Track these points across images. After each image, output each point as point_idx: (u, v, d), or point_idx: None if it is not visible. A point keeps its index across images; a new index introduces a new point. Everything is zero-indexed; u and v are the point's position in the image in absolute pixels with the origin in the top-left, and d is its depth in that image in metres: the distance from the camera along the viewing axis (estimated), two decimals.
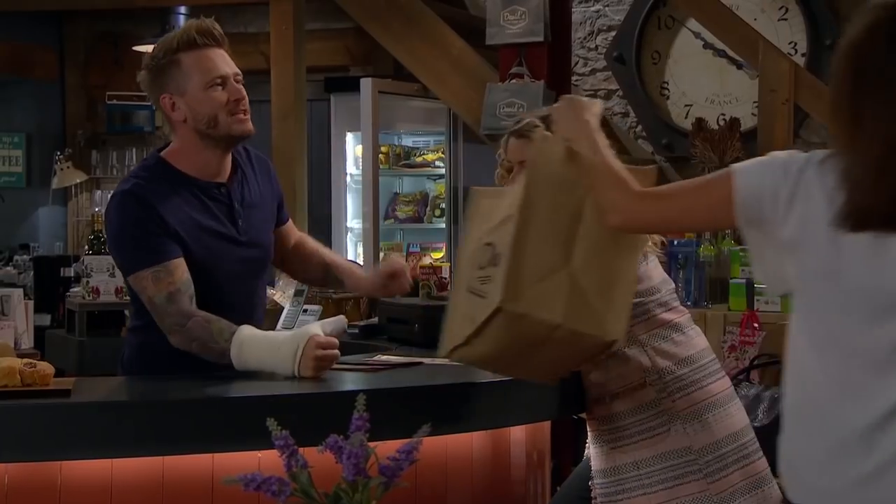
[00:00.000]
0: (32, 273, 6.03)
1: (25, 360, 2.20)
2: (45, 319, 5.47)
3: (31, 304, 4.49)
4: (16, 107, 7.22)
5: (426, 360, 2.74)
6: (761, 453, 2.55)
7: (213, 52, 2.45)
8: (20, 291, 4.47)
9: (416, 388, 2.45)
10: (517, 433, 2.72)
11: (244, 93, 2.46)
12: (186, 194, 2.46)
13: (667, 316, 2.57)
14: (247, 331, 2.39)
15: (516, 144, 2.64)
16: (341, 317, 2.52)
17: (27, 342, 4.39)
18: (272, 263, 2.78)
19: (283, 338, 2.40)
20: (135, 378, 2.52)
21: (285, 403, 2.26)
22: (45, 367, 2.21)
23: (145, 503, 2.22)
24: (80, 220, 7.13)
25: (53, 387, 2.19)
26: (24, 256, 6.47)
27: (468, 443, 2.58)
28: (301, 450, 1.67)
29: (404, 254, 5.62)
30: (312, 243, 2.86)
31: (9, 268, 6.39)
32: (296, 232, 2.85)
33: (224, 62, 2.45)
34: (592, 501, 2.61)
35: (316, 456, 1.55)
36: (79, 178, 7.01)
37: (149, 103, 7.24)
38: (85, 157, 7.15)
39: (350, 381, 2.50)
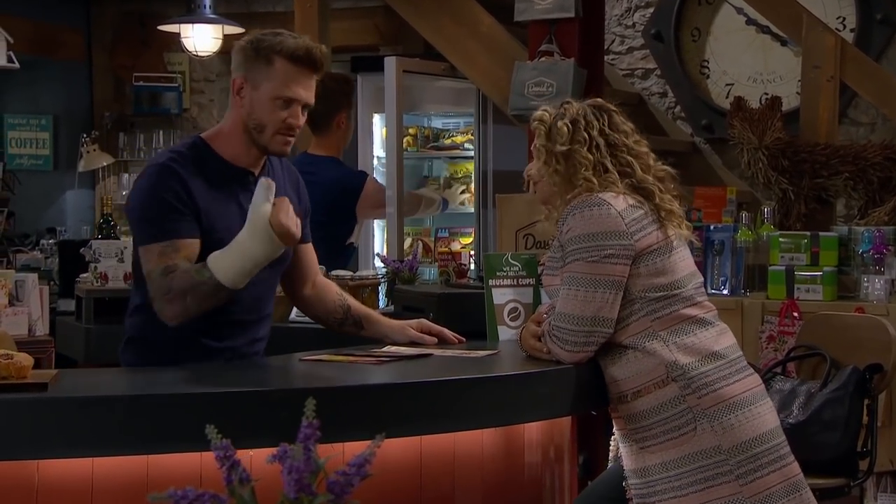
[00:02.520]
0: (58, 258, 5.94)
1: (2, 352, 2.07)
2: (70, 305, 5.37)
3: (45, 289, 4.39)
4: (42, 88, 7.15)
5: (436, 352, 2.58)
6: (793, 457, 2.38)
7: (306, 75, 2.49)
8: (34, 276, 4.37)
9: (423, 382, 2.30)
10: (532, 429, 2.57)
11: (301, 122, 2.52)
12: (218, 177, 2.50)
13: (690, 311, 2.43)
14: (213, 254, 2.40)
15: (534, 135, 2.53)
16: (262, 180, 2.42)
17: (42, 329, 4.29)
18: (290, 298, 2.81)
19: (246, 233, 2.37)
20: (119, 370, 2.39)
21: (278, 399, 2.11)
22: (23, 359, 2.08)
23: None
24: (109, 203, 7.04)
25: (31, 380, 2.06)
26: (51, 241, 6.39)
27: (478, 440, 2.43)
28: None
29: (432, 238, 5.45)
30: (336, 287, 2.86)
31: (35, 252, 6.31)
32: (317, 269, 2.84)
33: (305, 89, 2.49)
34: (629, 502, 2.45)
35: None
36: (105, 160, 6.93)
37: (176, 84, 7.26)
38: (112, 140, 7.06)
39: (355, 375, 2.35)
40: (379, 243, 5.46)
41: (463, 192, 5.51)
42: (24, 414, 1.99)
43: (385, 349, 2.64)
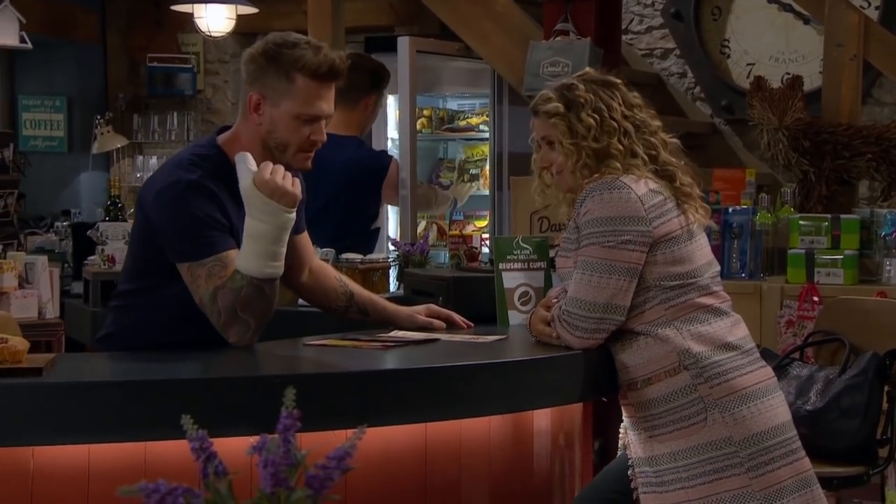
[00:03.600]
0: (72, 240, 5.92)
1: None
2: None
3: (56, 271, 4.37)
4: (57, 69, 7.11)
5: (444, 337, 2.53)
6: (805, 452, 2.32)
7: (326, 88, 2.37)
8: (44, 259, 4.34)
9: (428, 368, 2.24)
10: (541, 416, 2.52)
11: (324, 137, 2.41)
12: (237, 190, 2.35)
13: (705, 300, 2.37)
14: (233, 254, 2.31)
15: (535, 121, 2.45)
16: (238, 155, 2.34)
17: (52, 311, 4.27)
18: (288, 287, 2.68)
19: (246, 216, 2.27)
20: (115, 355, 2.34)
21: (278, 384, 2.04)
22: (18, 343, 2.03)
23: None
24: (122, 186, 7.01)
25: (26, 364, 2.01)
26: (65, 223, 6.36)
27: (485, 427, 2.37)
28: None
29: (447, 221, 5.39)
30: (334, 271, 2.78)
31: (49, 234, 6.29)
32: (314, 255, 2.76)
33: (327, 102, 2.39)
34: (634, 491, 2.39)
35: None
36: (119, 142, 6.90)
37: (190, 66, 7.21)
38: (126, 122, 7.02)
39: (359, 360, 2.30)
40: (393, 226, 5.40)
41: (470, 188, 5.42)
42: (18, 399, 1.95)
43: (391, 334, 2.58)
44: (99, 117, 6.85)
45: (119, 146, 6.96)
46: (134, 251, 2.50)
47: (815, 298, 3.87)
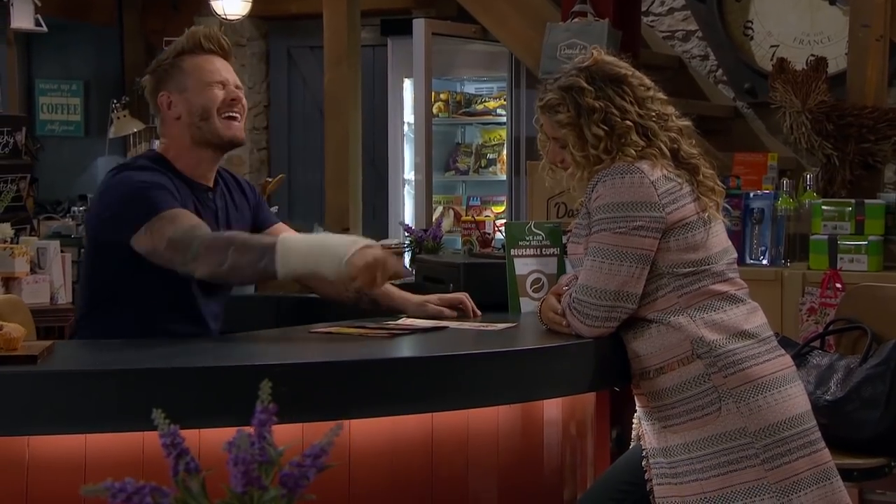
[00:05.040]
0: None
1: None
2: None
3: (68, 256, 4.34)
4: (73, 53, 7.09)
5: (452, 325, 2.47)
6: (824, 444, 2.24)
7: (217, 59, 2.49)
8: (56, 244, 4.31)
9: (433, 356, 2.18)
10: (551, 405, 2.46)
11: (241, 97, 2.49)
12: (183, 191, 2.44)
13: (720, 287, 2.30)
14: (289, 236, 2.35)
15: (543, 119, 2.38)
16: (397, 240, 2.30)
17: (64, 297, 4.24)
18: (296, 280, 2.67)
19: (334, 240, 2.30)
20: (113, 343, 2.30)
21: (279, 373, 2.00)
22: (13, 330, 1.99)
23: None
24: None
25: (22, 352, 1.97)
26: (82, 208, 6.34)
27: (493, 417, 2.32)
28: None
29: (464, 207, 5.33)
30: None
31: (66, 219, 6.27)
32: None
33: (226, 70, 2.49)
34: (648, 483, 2.33)
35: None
36: (136, 127, 6.87)
37: None
38: (143, 106, 6.98)
39: (363, 348, 2.25)
40: (410, 212, 5.35)
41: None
42: (12, 387, 1.90)
43: (399, 321, 2.53)
44: (115, 101, 6.82)
45: (135, 131, 6.93)
46: (85, 270, 2.54)
47: (838, 285, 3.79)
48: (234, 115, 2.46)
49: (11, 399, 1.91)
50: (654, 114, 2.34)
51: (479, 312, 2.63)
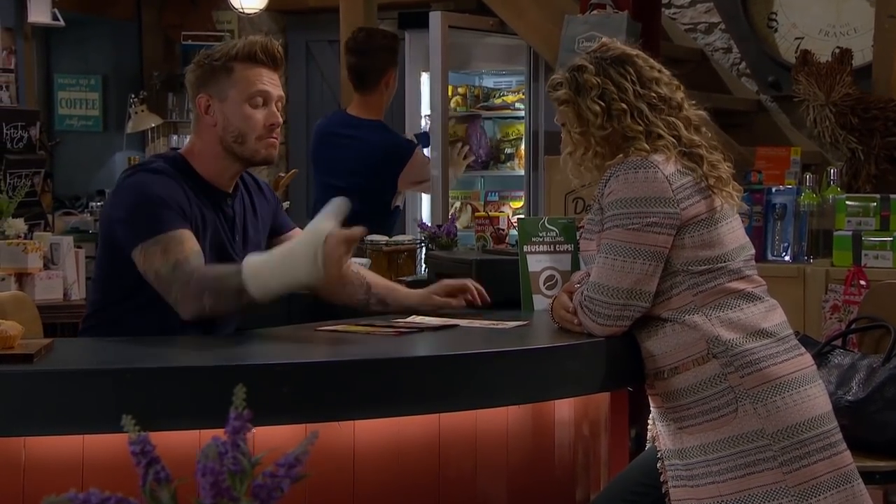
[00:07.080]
0: None
1: None
2: None
3: (81, 252, 4.31)
4: (92, 47, 7.07)
5: (462, 323, 2.41)
6: (846, 446, 2.16)
7: (265, 70, 2.45)
8: (70, 239, 4.28)
9: (441, 356, 2.13)
10: (563, 406, 2.40)
11: (280, 119, 2.46)
12: (200, 196, 2.42)
13: (736, 285, 2.23)
14: (253, 258, 2.26)
15: (554, 104, 2.34)
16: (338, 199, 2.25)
17: (77, 293, 4.21)
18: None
19: (298, 246, 2.22)
20: (112, 341, 2.26)
21: (283, 372, 1.95)
22: (10, 328, 1.95)
23: (121, 484, 1.93)
24: None
25: (19, 350, 1.93)
26: (100, 203, 6.34)
27: (503, 418, 2.26)
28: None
29: (482, 202, 5.27)
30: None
31: (84, 214, 6.27)
32: None
33: (272, 83, 2.45)
34: (664, 485, 2.27)
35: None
36: (154, 121, 6.85)
37: None
38: (161, 100, 6.98)
39: (369, 347, 2.19)
40: (426, 207, 5.29)
41: (464, 162, 5.22)
42: (8, 387, 1.87)
43: (409, 319, 2.47)
44: (133, 96, 6.81)
45: (154, 125, 6.91)
46: (97, 266, 2.51)
47: (863, 282, 3.71)
48: (272, 139, 2.44)
49: (7, 399, 1.87)
50: (654, 95, 2.27)
51: (487, 299, 2.58)
